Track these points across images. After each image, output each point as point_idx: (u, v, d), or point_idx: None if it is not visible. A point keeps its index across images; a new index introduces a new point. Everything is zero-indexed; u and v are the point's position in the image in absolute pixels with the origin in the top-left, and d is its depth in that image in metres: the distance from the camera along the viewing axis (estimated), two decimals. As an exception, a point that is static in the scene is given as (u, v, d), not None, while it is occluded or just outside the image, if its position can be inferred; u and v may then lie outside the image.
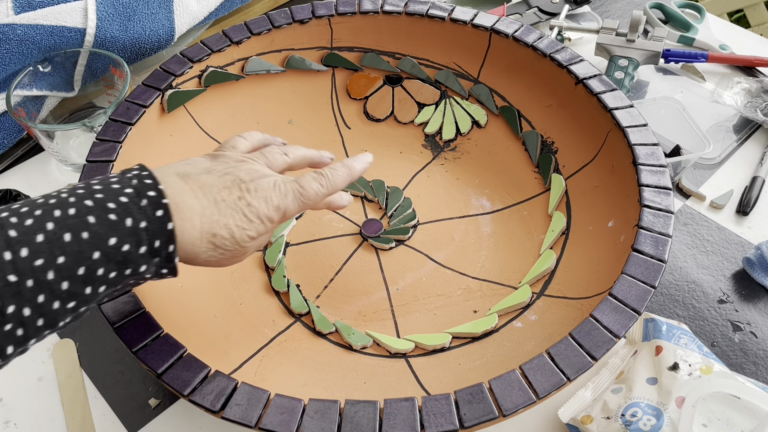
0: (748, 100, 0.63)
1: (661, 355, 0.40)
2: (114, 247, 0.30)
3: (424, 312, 0.48)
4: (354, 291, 0.49)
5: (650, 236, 0.41)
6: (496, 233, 0.52)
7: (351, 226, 0.53)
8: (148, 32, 0.62)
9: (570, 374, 0.35)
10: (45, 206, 0.30)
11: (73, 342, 0.48)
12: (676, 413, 0.37)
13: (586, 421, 0.39)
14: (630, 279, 0.39)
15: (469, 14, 0.57)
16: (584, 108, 0.51)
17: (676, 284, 0.51)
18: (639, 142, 0.46)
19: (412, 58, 0.60)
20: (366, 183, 0.56)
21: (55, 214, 0.30)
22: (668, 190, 0.43)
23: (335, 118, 0.60)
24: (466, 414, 0.33)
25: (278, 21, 0.56)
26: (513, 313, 0.46)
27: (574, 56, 0.52)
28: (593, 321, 0.37)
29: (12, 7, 0.58)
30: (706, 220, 0.55)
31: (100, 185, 0.32)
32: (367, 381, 0.43)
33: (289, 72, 0.59)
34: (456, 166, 0.57)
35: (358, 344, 0.45)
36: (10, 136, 0.61)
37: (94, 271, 0.30)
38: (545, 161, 0.54)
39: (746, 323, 0.48)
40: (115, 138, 0.48)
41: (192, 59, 0.53)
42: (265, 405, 0.34)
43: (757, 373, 0.45)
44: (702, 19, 0.73)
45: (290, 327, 0.47)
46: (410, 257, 0.51)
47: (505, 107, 0.57)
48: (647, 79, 0.67)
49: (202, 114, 0.55)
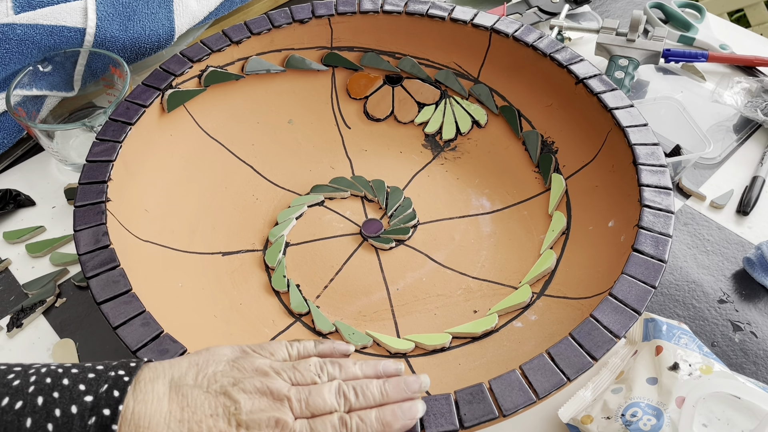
0: (749, 100, 0.63)
1: (662, 355, 0.40)
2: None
3: (424, 312, 0.48)
4: (354, 291, 0.49)
5: (650, 236, 0.41)
6: (496, 233, 0.52)
7: (351, 226, 0.53)
8: (148, 32, 0.62)
9: (570, 374, 0.35)
10: None
11: (73, 342, 0.48)
12: (677, 413, 0.37)
13: (586, 421, 0.39)
14: (630, 279, 0.39)
15: (469, 14, 0.57)
16: (584, 108, 0.51)
17: (676, 284, 0.51)
18: (639, 142, 0.46)
19: (412, 57, 0.60)
20: (366, 183, 0.56)
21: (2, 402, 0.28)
22: (668, 189, 0.43)
23: (335, 118, 0.60)
24: (466, 414, 0.33)
25: (278, 21, 0.56)
26: (513, 313, 0.46)
27: (574, 56, 0.52)
28: (593, 321, 0.37)
29: (12, 7, 0.58)
30: (707, 220, 0.55)
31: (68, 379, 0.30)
32: (367, 381, 0.43)
33: (289, 72, 0.59)
34: (456, 165, 0.57)
35: (358, 344, 0.45)
36: (10, 136, 0.61)
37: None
38: (545, 161, 0.54)
39: (746, 323, 0.48)
40: (115, 138, 0.48)
41: (192, 59, 0.53)
42: (265, 405, 0.34)
43: (758, 373, 0.45)
44: (702, 18, 0.73)
45: (290, 327, 0.47)
46: (410, 257, 0.51)
47: (505, 107, 0.57)
48: (647, 78, 0.67)
49: (202, 114, 0.55)
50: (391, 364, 0.36)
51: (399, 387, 0.34)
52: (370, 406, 0.33)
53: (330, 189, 0.56)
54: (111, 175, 0.46)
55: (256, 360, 0.33)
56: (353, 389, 0.33)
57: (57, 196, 0.59)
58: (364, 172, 0.57)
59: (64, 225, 0.57)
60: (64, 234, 0.56)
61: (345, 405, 0.33)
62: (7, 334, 0.49)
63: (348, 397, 0.33)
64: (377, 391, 0.34)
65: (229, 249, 0.51)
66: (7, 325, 0.49)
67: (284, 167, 0.57)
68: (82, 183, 0.45)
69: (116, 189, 0.46)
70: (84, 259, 0.41)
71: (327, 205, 0.55)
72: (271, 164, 0.57)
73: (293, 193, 0.56)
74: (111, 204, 0.45)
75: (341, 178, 0.56)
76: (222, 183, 0.55)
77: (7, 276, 0.53)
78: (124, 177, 0.47)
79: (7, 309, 0.51)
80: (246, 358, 0.33)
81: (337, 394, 0.33)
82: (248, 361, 0.33)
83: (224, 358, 0.33)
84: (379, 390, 0.34)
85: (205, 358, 0.33)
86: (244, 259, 0.51)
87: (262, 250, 0.52)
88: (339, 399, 0.33)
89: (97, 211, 0.43)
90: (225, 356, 0.33)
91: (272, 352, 0.35)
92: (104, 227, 0.42)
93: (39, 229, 0.56)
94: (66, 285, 0.52)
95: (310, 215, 0.54)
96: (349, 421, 0.32)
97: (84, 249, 0.41)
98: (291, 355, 0.35)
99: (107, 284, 0.40)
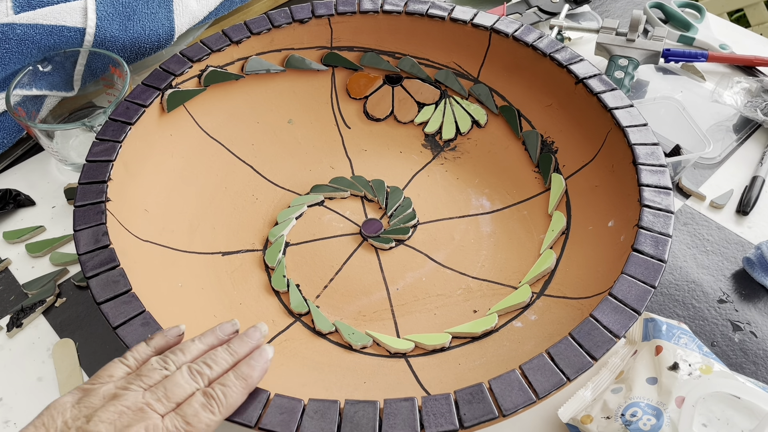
0: (748, 100, 0.63)
1: (661, 354, 0.40)
2: None
3: (424, 312, 0.48)
4: (354, 291, 0.49)
5: (650, 236, 0.41)
6: (496, 233, 0.52)
7: (351, 226, 0.53)
8: (147, 32, 0.62)
9: (570, 374, 0.35)
10: None
11: (73, 342, 0.48)
12: (676, 413, 0.37)
13: (586, 420, 0.39)
14: (630, 279, 0.39)
15: (469, 14, 0.57)
16: (584, 108, 0.51)
17: (676, 284, 0.51)
18: (639, 142, 0.46)
19: (411, 57, 0.60)
20: (366, 183, 0.56)
21: None
22: (668, 189, 0.43)
23: (335, 118, 0.60)
24: (466, 414, 0.33)
25: (278, 20, 0.56)
26: (513, 312, 0.46)
27: (574, 56, 0.52)
28: (593, 321, 0.37)
29: (12, 7, 0.58)
30: (706, 219, 0.55)
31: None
32: (367, 381, 0.43)
33: (288, 71, 0.59)
34: (456, 165, 0.57)
35: (358, 344, 0.45)
36: (9, 136, 0.61)
37: None
38: (545, 161, 0.54)
39: (746, 323, 0.48)
40: (114, 138, 0.48)
41: (192, 59, 0.53)
42: (264, 405, 0.34)
43: (757, 373, 0.45)
44: (702, 18, 0.73)
45: (290, 327, 0.47)
46: (410, 257, 0.51)
47: (505, 107, 0.57)
48: (647, 78, 0.67)
49: (201, 113, 0.55)
50: (227, 325, 0.38)
51: (243, 342, 0.36)
52: (226, 370, 0.35)
53: (330, 189, 0.56)
54: (111, 175, 0.46)
55: (99, 390, 0.33)
56: (204, 364, 0.34)
57: (57, 196, 0.59)
58: (364, 172, 0.57)
59: (64, 225, 0.57)
60: (64, 234, 0.56)
61: (203, 380, 0.34)
62: (7, 334, 0.49)
63: (203, 372, 0.34)
64: (226, 354, 0.35)
65: (229, 249, 0.51)
66: (7, 325, 0.49)
67: (284, 167, 0.57)
68: (82, 183, 0.45)
69: (116, 189, 0.46)
70: (84, 259, 0.41)
71: (327, 205, 0.55)
72: (271, 164, 0.57)
73: (293, 192, 0.56)
74: (111, 204, 0.45)
75: (341, 178, 0.56)
76: (222, 183, 0.55)
77: (7, 276, 0.53)
78: (123, 177, 0.47)
79: (7, 309, 0.51)
80: (88, 393, 0.32)
81: (191, 375, 0.34)
82: (91, 394, 0.32)
83: (67, 405, 0.32)
84: (227, 353, 0.35)
85: (48, 416, 0.32)
86: (244, 259, 0.51)
87: (262, 250, 0.52)
88: (195, 378, 0.33)
89: (97, 211, 0.43)
90: (67, 403, 0.32)
91: (110, 374, 0.34)
92: (104, 227, 0.42)
93: (39, 229, 0.56)
94: (66, 285, 0.52)
95: (310, 215, 0.54)
96: (212, 391, 0.33)
97: (84, 249, 0.41)
98: (130, 367, 0.35)
99: (107, 284, 0.40)
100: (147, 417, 0.31)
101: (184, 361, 0.35)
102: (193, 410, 0.32)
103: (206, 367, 0.34)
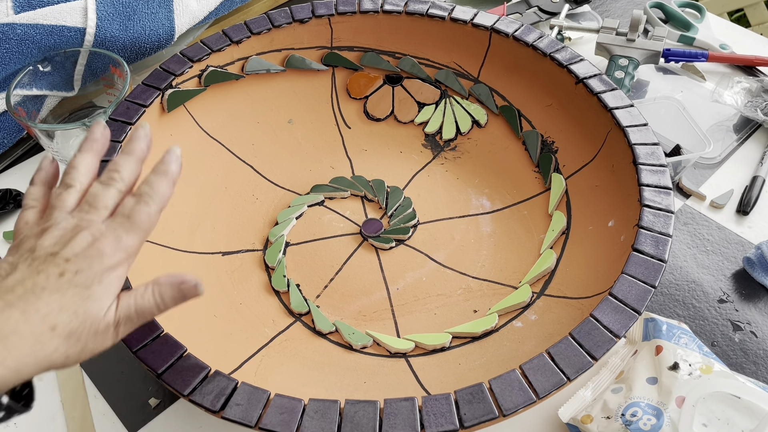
0: (749, 100, 0.63)
1: (662, 354, 0.40)
2: None
3: (424, 312, 0.48)
4: (354, 291, 0.49)
5: (650, 236, 0.41)
6: (496, 233, 0.52)
7: (351, 226, 0.53)
8: (148, 32, 0.62)
9: (570, 374, 0.35)
10: None
11: (73, 342, 0.48)
12: (677, 413, 0.37)
13: (586, 420, 0.39)
14: (630, 279, 0.39)
15: (469, 14, 0.57)
16: (584, 107, 0.51)
17: (676, 284, 0.51)
18: (639, 142, 0.46)
19: (412, 57, 0.60)
20: (366, 183, 0.56)
21: None
22: (668, 189, 0.43)
23: (335, 118, 0.60)
24: (466, 414, 0.33)
25: (278, 20, 0.56)
26: (513, 312, 0.46)
27: (574, 56, 0.52)
28: (593, 321, 0.37)
29: (12, 7, 0.58)
30: (707, 219, 0.55)
31: None
32: (367, 381, 0.43)
33: (289, 71, 0.59)
34: (456, 165, 0.57)
35: (358, 344, 0.45)
36: (10, 136, 0.61)
37: None
38: (545, 161, 0.54)
39: (746, 323, 0.48)
40: (114, 138, 0.48)
41: (192, 59, 0.53)
42: (265, 405, 0.34)
43: (758, 373, 0.45)
44: (702, 18, 0.73)
45: (290, 327, 0.47)
46: (410, 257, 0.51)
47: (505, 107, 0.57)
48: (647, 78, 0.67)
49: (202, 113, 0.55)
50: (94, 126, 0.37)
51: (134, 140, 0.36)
52: (134, 171, 0.36)
53: (330, 189, 0.56)
54: (111, 175, 0.46)
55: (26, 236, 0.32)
56: (108, 171, 0.35)
57: (57, 196, 0.59)
58: (364, 172, 0.57)
59: (64, 225, 0.57)
60: (64, 234, 0.56)
61: (119, 183, 0.34)
62: (7, 334, 0.49)
63: (113, 178, 0.34)
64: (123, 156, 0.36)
65: (229, 249, 0.51)
66: (7, 325, 0.49)
67: (284, 167, 0.57)
68: (82, 183, 0.45)
69: (116, 189, 0.46)
70: (84, 258, 0.41)
71: (327, 204, 0.55)
72: (271, 164, 0.57)
73: (293, 192, 0.56)
74: (111, 204, 0.45)
75: (341, 177, 0.56)
76: (222, 183, 0.55)
77: (7, 276, 0.53)
78: (124, 177, 0.47)
79: (7, 309, 0.51)
80: (18, 244, 0.32)
81: (103, 184, 0.34)
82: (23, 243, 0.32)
83: (7, 257, 0.32)
84: (124, 155, 0.36)
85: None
86: (244, 258, 0.51)
87: (262, 249, 0.52)
88: (110, 183, 0.34)
89: (97, 211, 0.43)
90: (6, 257, 0.32)
91: (25, 221, 0.34)
92: (104, 227, 0.42)
93: (39, 228, 0.56)
94: (66, 285, 0.52)
95: (310, 215, 0.54)
96: (139, 190, 0.34)
97: (84, 249, 0.41)
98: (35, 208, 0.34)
99: (107, 284, 0.39)
100: (87, 225, 0.32)
101: (81, 174, 0.35)
102: (129, 207, 0.33)
103: (113, 172, 0.34)
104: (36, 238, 0.31)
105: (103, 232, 0.32)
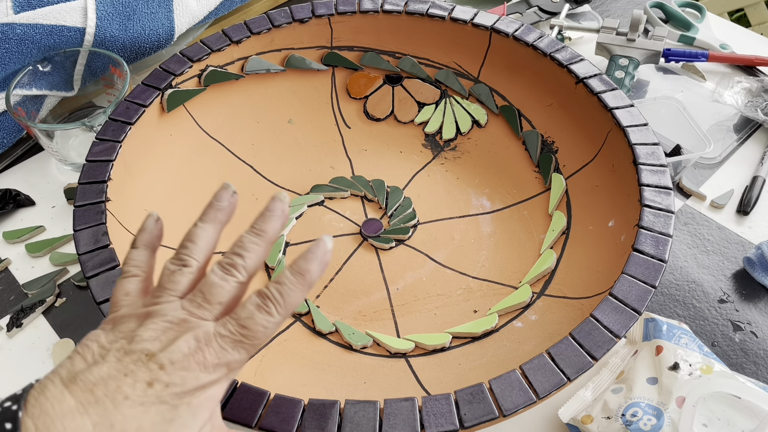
0: (749, 100, 0.63)
1: (662, 354, 0.40)
2: None
3: (424, 312, 0.48)
4: (354, 291, 0.49)
5: (651, 236, 0.41)
6: (497, 233, 0.52)
7: (351, 226, 0.53)
8: (147, 31, 0.62)
9: (570, 374, 0.35)
10: None
11: (73, 342, 0.48)
12: (677, 413, 0.37)
13: (586, 420, 0.39)
14: (630, 279, 0.39)
15: (469, 13, 0.57)
16: (585, 107, 0.51)
17: (676, 284, 0.51)
18: (639, 142, 0.46)
19: (412, 57, 0.60)
20: (366, 183, 0.56)
21: None
22: (669, 189, 0.43)
23: (335, 118, 0.60)
24: (466, 414, 0.33)
25: (278, 20, 0.56)
26: (513, 312, 0.46)
27: (574, 55, 0.52)
28: (593, 321, 0.37)
29: (11, 7, 0.58)
30: (707, 219, 0.55)
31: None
32: (367, 381, 0.43)
33: (289, 71, 0.59)
34: (456, 165, 0.57)
35: (358, 344, 0.45)
36: (9, 136, 0.61)
37: None
38: (545, 161, 0.54)
39: (747, 323, 0.48)
40: (114, 138, 0.48)
41: (192, 58, 0.53)
42: (265, 405, 0.34)
43: (758, 373, 0.45)
44: (702, 18, 0.73)
45: (290, 327, 0.47)
46: (410, 257, 0.51)
47: (506, 107, 0.57)
48: (648, 78, 0.67)
49: (201, 113, 0.55)
50: (221, 192, 0.33)
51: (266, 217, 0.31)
52: (260, 256, 0.31)
53: (330, 189, 0.55)
54: (111, 175, 0.46)
55: (127, 313, 0.29)
56: (232, 254, 0.30)
57: (57, 196, 0.59)
58: (364, 172, 0.57)
59: (64, 225, 0.57)
60: (63, 234, 0.56)
61: (240, 273, 0.30)
62: (7, 334, 0.49)
63: (235, 264, 0.30)
64: (252, 236, 0.31)
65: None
66: (7, 325, 0.49)
67: (284, 167, 0.57)
68: (82, 183, 0.45)
69: (116, 189, 0.46)
70: (84, 258, 0.41)
71: (327, 204, 0.55)
72: (271, 164, 0.57)
73: (293, 192, 0.56)
74: (111, 204, 0.45)
75: (341, 177, 0.56)
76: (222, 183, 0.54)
77: (6, 276, 0.53)
78: (123, 177, 0.47)
79: (7, 309, 0.51)
80: (117, 321, 0.29)
81: (223, 270, 0.30)
82: (122, 320, 0.29)
83: (100, 333, 0.28)
84: (253, 234, 0.31)
85: (82, 346, 0.28)
86: (244, 258, 0.51)
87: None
88: (230, 272, 0.30)
89: (97, 211, 0.43)
90: (99, 333, 0.28)
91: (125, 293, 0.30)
92: (104, 227, 0.42)
93: (39, 228, 0.56)
94: (66, 285, 0.52)
95: (310, 215, 0.54)
96: (267, 291, 0.29)
97: (84, 249, 0.41)
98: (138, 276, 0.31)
99: (107, 284, 0.40)
100: (194, 326, 0.28)
101: (200, 251, 0.31)
102: (248, 312, 0.28)
103: (236, 258, 0.30)
104: (137, 322, 0.28)
105: (210, 339, 0.27)
